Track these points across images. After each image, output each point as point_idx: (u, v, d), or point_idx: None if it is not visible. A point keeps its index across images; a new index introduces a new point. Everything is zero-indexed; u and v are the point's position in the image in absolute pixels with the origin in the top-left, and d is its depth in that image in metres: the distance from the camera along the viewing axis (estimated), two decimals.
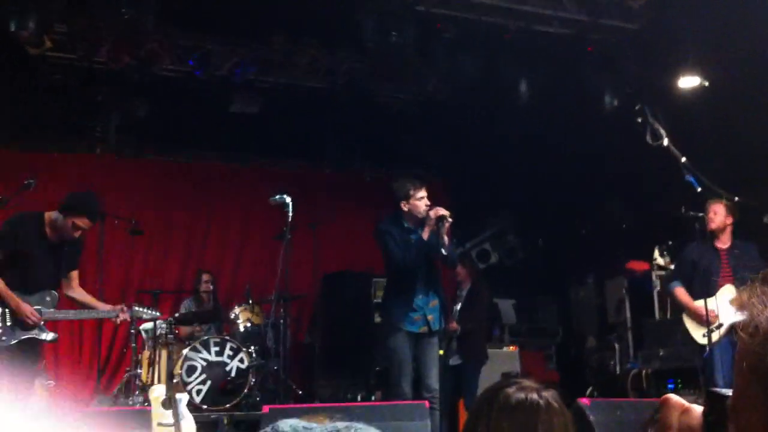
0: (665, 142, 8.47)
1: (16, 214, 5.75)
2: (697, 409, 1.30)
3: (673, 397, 1.40)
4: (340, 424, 1.13)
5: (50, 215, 5.69)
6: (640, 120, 8.65)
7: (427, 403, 5.38)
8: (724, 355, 6.28)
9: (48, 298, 5.72)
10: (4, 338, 5.50)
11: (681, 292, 6.63)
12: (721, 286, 6.36)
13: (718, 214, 6.51)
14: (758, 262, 6.42)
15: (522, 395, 2.03)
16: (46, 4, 7.32)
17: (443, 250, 6.00)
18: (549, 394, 2.06)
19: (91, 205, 5.74)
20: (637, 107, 8.66)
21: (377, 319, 8.83)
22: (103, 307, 6.05)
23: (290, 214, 6.43)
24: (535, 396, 2.03)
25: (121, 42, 8.13)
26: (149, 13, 7.46)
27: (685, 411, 1.36)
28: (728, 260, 6.49)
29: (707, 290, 6.39)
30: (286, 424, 1.14)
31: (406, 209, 6.12)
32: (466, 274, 8.64)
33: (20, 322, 5.53)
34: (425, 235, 5.98)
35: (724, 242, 6.54)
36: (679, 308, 6.77)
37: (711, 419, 1.22)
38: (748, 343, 1.08)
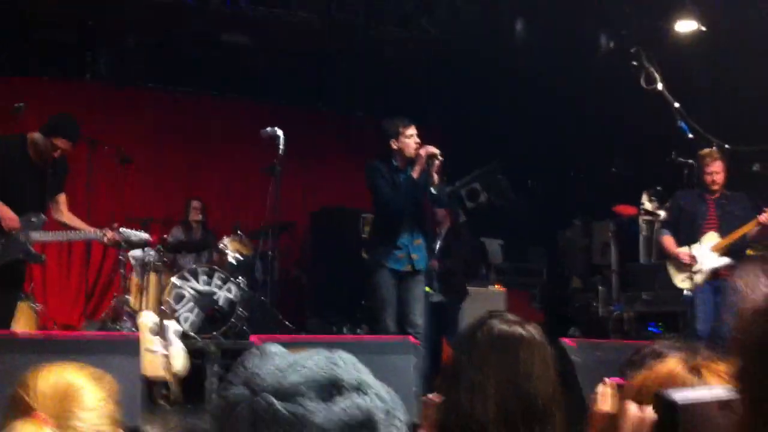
0: (659, 86, 8.42)
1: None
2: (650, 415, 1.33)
3: (631, 409, 1.43)
4: (326, 350, 1.18)
5: (32, 136, 5.70)
6: (635, 63, 8.58)
7: (411, 337, 5.46)
8: (706, 300, 6.37)
9: (34, 219, 5.71)
10: None
11: (667, 240, 6.70)
12: (705, 233, 6.43)
13: (720, 173, 6.51)
14: (747, 212, 6.46)
15: (505, 327, 2.08)
16: None
17: (432, 189, 6.02)
18: (531, 327, 2.11)
19: (70, 126, 5.74)
20: (632, 50, 8.58)
21: (364, 255, 8.89)
22: (90, 230, 6.06)
23: (281, 147, 6.41)
24: (517, 328, 2.08)
25: None
26: None
27: (640, 422, 1.39)
28: (715, 209, 6.53)
29: (692, 237, 6.45)
30: (273, 346, 1.19)
31: (395, 147, 6.11)
32: (445, 214, 8.66)
33: (4, 246, 5.53)
34: (415, 173, 5.98)
35: (715, 191, 6.57)
36: (665, 254, 6.84)
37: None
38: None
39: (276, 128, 6.44)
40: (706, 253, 6.39)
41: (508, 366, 2.00)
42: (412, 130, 6.12)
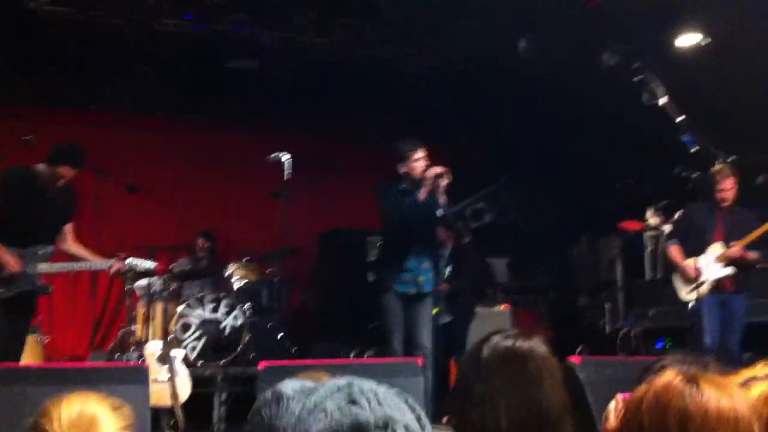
0: (663, 101, 8.43)
1: (6, 170, 5.76)
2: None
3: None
4: (341, 381, 1.14)
5: (38, 167, 5.72)
6: (638, 78, 8.60)
7: (420, 360, 5.44)
8: (712, 313, 6.35)
9: (41, 252, 5.74)
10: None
11: (674, 250, 6.68)
12: (711, 244, 6.42)
13: (731, 188, 6.51)
14: (753, 225, 6.45)
15: (509, 342, 2.08)
16: None
17: (440, 210, 6.03)
18: (536, 341, 2.11)
19: (72, 153, 5.77)
20: (635, 65, 8.61)
21: (370, 278, 8.89)
22: (97, 260, 6.07)
23: (287, 171, 6.43)
24: (522, 342, 2.08)
25: None
26: None
27: None
28: (723, 222, 6.52)
29: (699, 250, 6.44)
30: (287, 386, 1.14)
31: (403, 171, 6.14)
32: (448, 234, 8.66)
33: (11, 277, 5.54)
34: (421, 195, 5.99)
35: (725, 205, 6.56)
36: (671, 267, 6.82)
37: None
38: None
39: (282, 153, 6.46)
40: (711, 264, 6.38)
41: (517, 378, 2.01)
42: (420, 153, 6.16)
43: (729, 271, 6.39)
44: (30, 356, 6.89)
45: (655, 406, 1.44)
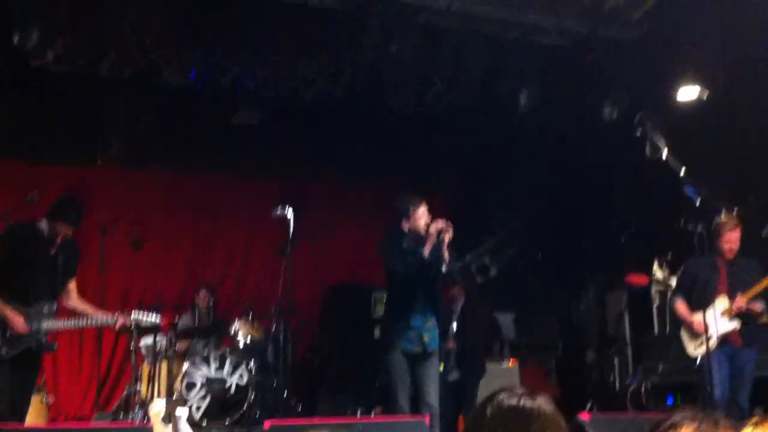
0: (665, 153, 8.47)
1: (9, 226, 5.79)
2: None
3: None
4: None
5: (39, 224, 5.75)
6: (639, 132, 8.65)
7: (427, 418, 5.38)
8: (721, 367, 6.27)
9: (45, 309, 5.73)
10: (2, 350, 5.51)
11: (680, 306, 6.65)
12: (717, 298, 6.38)
13: (737, 240, 6.50)
14: (758, 277, 6.42)
15: (514, 400, 2.04)
16: (49, 15, 7.34)
17: (444, 266, 6.01)
18: (541, 399, 2.07)
19: (69, 210, 5.81)
20: (636, 119, 8.67)
21: (377, 335, 8.83)
22: (102, 315, 6.05)
23: (291, 227, 6.43)
24: (527, 401, 2.04)
25: (123, 54, 8.15)
26: (150, 28, 7.49)
27: None
28: (727, 274, 6.50)
29: (704, 303, 6.39)
30: None
31: (406, 228, 6.13)
32: (458, 290, 8.62)
33: (16, 335, 5.53)
34: (426, 250, 5.98)
35: (727, 257, 6.53)
36: (678, 323, 6.77)
37: None
38: None
39: (287, 207, 6.47)
40: (717, 318, 6.33)
41: None
42: (422, 209, 6.14)
43: (735, 324, 6.35)
44: (35, 416, 6.82)
45: None
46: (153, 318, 6.33)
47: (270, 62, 8.63)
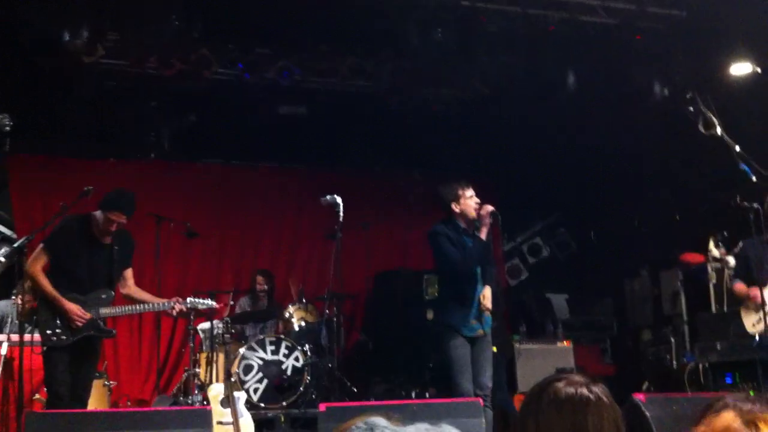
0: (718, 130, 8.34)
1: (64, 218, 5.93)
2: None
3: None
4: (427, 424, 1.18)
5: (95, 215, 5.88)
6: (691, 109, 8.52)
7: (481, 400, 5.40)
8: None
9: (103, 296, 5.88)
10: (63, 337, 5.66)
11: (739, 286, 6.60)
12: None
13: None
14: None
15: (571, 389, 2.02)
16: (97, 14, 7.49)
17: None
18: (598, 389, 2.05)
19: (122, 200, 5.91)
20: (688, 96, 8.53)
21: (429, 316, 8.85)
22: (159, 301, 6.19)
23: (341, 213, 6.49)
24: (584, 390, 2.02)
25: (171, 48, 8.29)
26: (197, 22, 7.60)
27: None
28: None
29: (761, 281, 6.31)
30: (378, 420, 1.18)
31: (458, 211, 6.09)
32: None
33: (78, 322, 5.69)
34: (483, 234, 5.97)
35: None
36: (738, 301, 6.71)
37: None
38: None
39: (335, 196, 6.53)
40: None
41: (577, 430, 1.97)
42: (470, 191, 6.12)
43: None
44: (97, 401, 7.01)
45: None
46: (209, 303, 6.45)
47: (315, 53, 8.70)
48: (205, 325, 7.97)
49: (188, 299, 6.26)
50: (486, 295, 6.06)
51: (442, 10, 7.73)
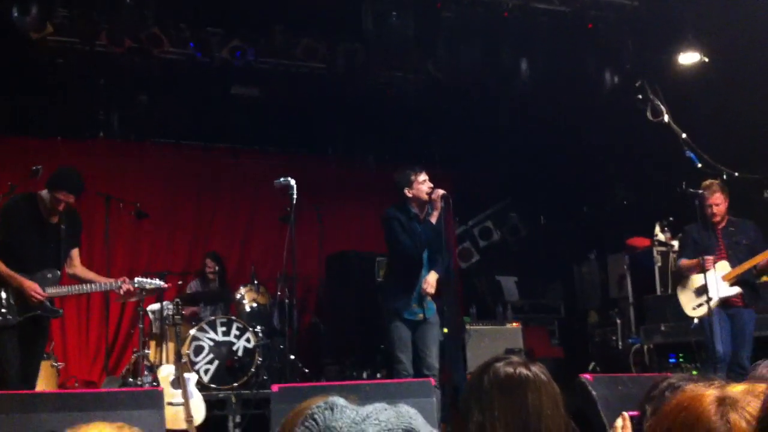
0: (666, 118, 8.52)
1: (10, 198, 5.83)
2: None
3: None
4: (385, 404, 1.21)
5: (41, 194, 5.80)
6: (640, 97, 8.69)
7: (432, 379, 5.49)
8: (722, 325, 6.38)
9: (49, 275, 5.80)
10: (9, 317, 5.59)
11: (685, 262, 6.73)
12: (716, 262, 6.46)
13: (721, 204, 6.56)
14: (753, 239, 6.53)
15: (510, 369, 2.08)
16: None
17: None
18: (537, 368, 2.12)
19: (70, 179, 5.83)
20: (637, 84, 8.69)
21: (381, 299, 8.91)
22: (106, 281, 6.13)
23: (294, 196, 6.48)
24: (523, 369, 2.09)
25: (122, 26, 8.16)
26: (149, 1, 7.51)
27: None
28: (723, 238, 6.59)
29: (705, 267, 6.48)
30: (338, 398, 1.21)
31: (410, 195, 6.18)
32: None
33: (23, 302, 5.62)
34: (433, 218, 6.05)
35: (720, 221, 6.62)
36: (677, 283, 6.86)
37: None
38: None
39: (289, 178, 6.52)
40: (719, 282, 6.42)
41: (517, 408, 2.01)
42: (423, 176, 6.20)
43: (736, 290, 6.46)
44: (45, 383, 6.94)
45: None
46: (157, 282, 6.40)
47: (269, 34, 8.64)
48: (155, 306, 7.91)
49: (136, 279, 6.20)
50: (429, 280, 6.14)
51: None
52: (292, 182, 6.49)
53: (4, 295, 5.61)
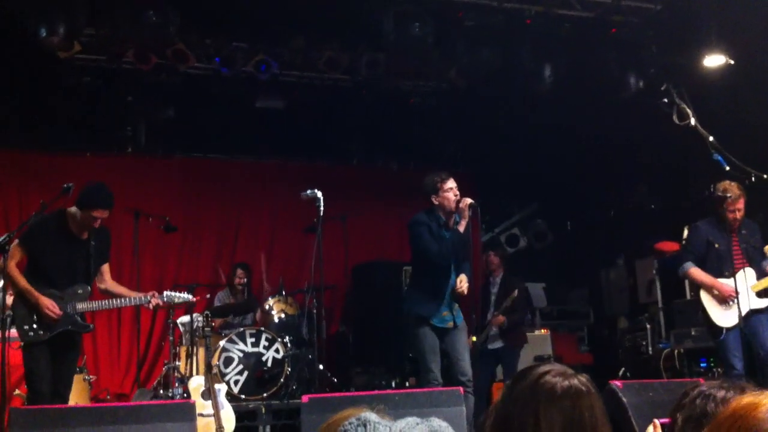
0: (692, 121, 8.45)
1: (39, 216, 5.90)
2: None
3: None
4: (417, 418, 1.21)
5: (70, 211, 5.85)
6: (666, 101, 8.63)
7: (461, 389, 5.47)
8: (764, 325, 6.23)
9: (80, 291, 5.86)
10: (41, 332, 5.66)
11: (698, 272, 6.43)
12: (738, 268, 6.21)
13: (743, 209, 6.41)
14: (760, 241, 6.39)
15: (566, 382, 2.01)
16: (73, 10, 7.45)
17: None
18: (585, 379, 2.06)
19: (101, 196, 5.87)
20: (662, 88, 8.64)
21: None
22: (135, 295, 6.19)
23: (321, 208, 6.51)
24: (576, 382, 2.02)
25: (148, 43, 8.26)
26: (174, 16, 7.59)
27: None
28: (739, 243, 6.41)
29: (719, 271, 6.32)
30: (370, 415, 1.22)
31: (437, 203, 6.14)
32: (498, 263, 8.65)
33: (53, 317, 5.69)
34: (462, 227, 6.03)
35: (737, 225, 6.44)
36: (699, 286, 6.50)
37: None
38: None
39: (316, 190, 6.55)
40: (749, 293, 6.25)
41: (576, 422, 1.95)
42: (450, 183, 6.15)
43: (766, 302, 6.27)
44: (77, 396, 7.02)
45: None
46: (185, 296, 6.45)
47: (293, 46, 8.71)
48: (185, 318, 7.98)
49: (165, 293, 6.26)
50: (462, 278, 6.09)
51: (419, 5, 7.77)
52: (319, 194, 6.52)
53: (34, 310, 5.69)
